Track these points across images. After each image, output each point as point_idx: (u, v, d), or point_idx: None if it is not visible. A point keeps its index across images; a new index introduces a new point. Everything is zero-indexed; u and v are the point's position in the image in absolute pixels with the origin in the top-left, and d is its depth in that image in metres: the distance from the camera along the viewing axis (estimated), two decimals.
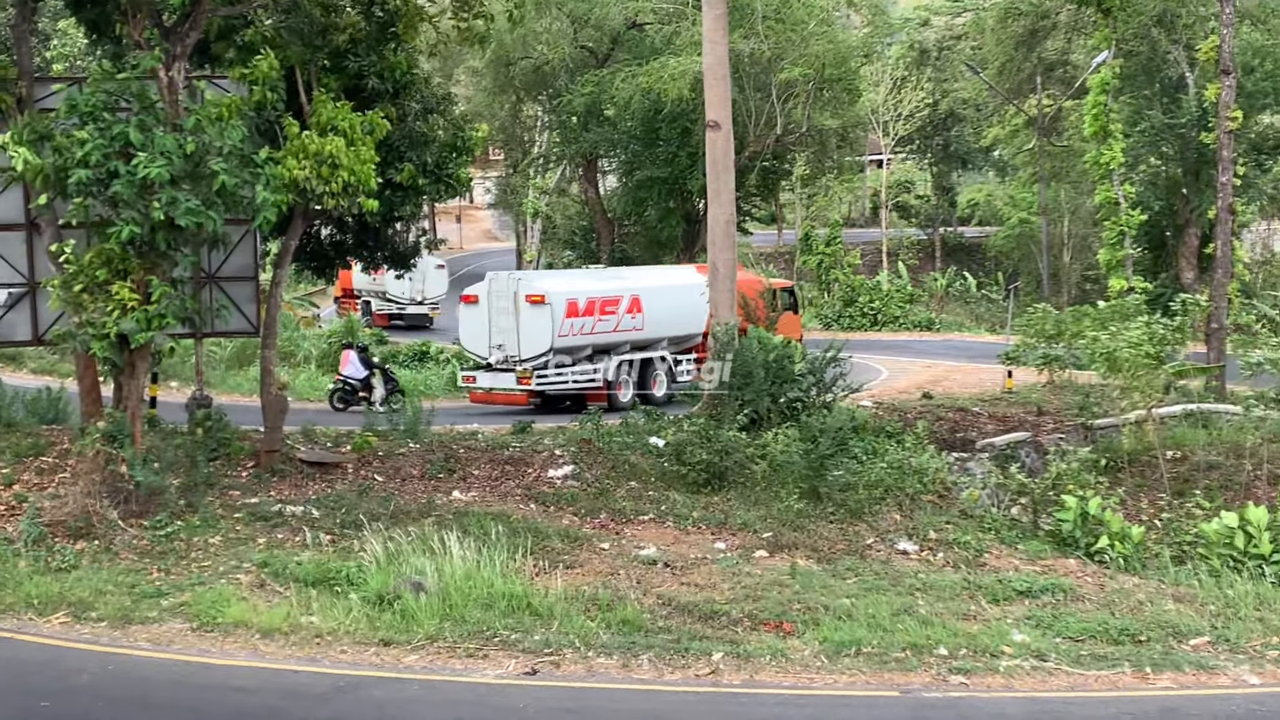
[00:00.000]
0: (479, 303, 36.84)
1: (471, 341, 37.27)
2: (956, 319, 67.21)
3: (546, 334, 35.64)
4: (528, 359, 35.91)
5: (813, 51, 49.22)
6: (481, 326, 36.71)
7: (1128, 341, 24.80)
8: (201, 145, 19.46)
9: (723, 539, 20.86)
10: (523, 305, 35.87)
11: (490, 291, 36.62)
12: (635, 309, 37.53)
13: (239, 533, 19.94)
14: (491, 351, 36.44)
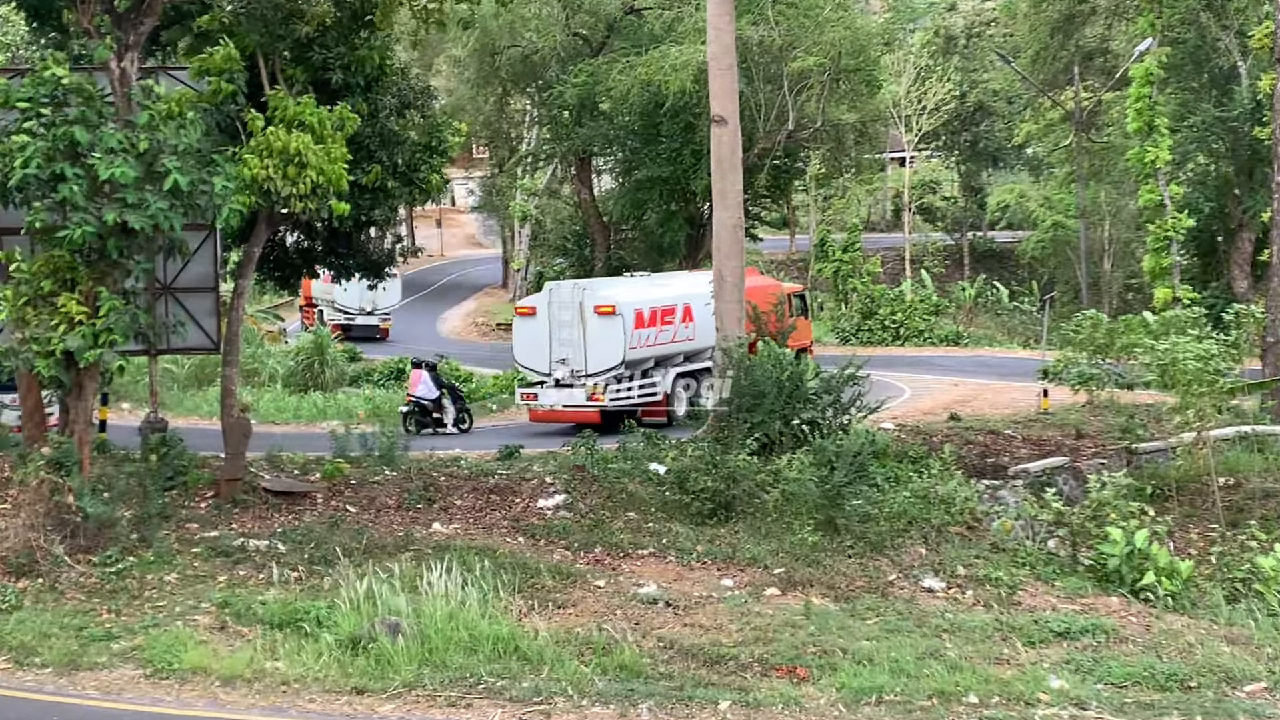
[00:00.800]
0: (537, 315, 37.65)
1: (528, 356, 37.96)
2: (986, 333, 67.14)
3: (618, 346, 36.38)
4: (596, 373, 36.68)
5: (828, 39, 49.27)
6: (540, 340, 37.47)
7: (1194, 353, 24.65)
8: (155, 143, 19.45)
9: (730, 575, 20.83)
10: (590, 316, 36.67)
11: (551, 302, 37.42)
12: (688, 318, 38.42)
13: (197, 569, 19.92)
14: (554, 366, 37.14)
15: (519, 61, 60.28)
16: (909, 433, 31.62)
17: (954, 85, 77.84)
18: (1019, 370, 46.69)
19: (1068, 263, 68.69)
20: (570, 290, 37.77)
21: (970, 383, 45.47)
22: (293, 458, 27.18)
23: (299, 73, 23.90)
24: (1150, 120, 39.82)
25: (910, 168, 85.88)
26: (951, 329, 64.61)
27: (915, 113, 77.05)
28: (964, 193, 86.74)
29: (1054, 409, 35.89)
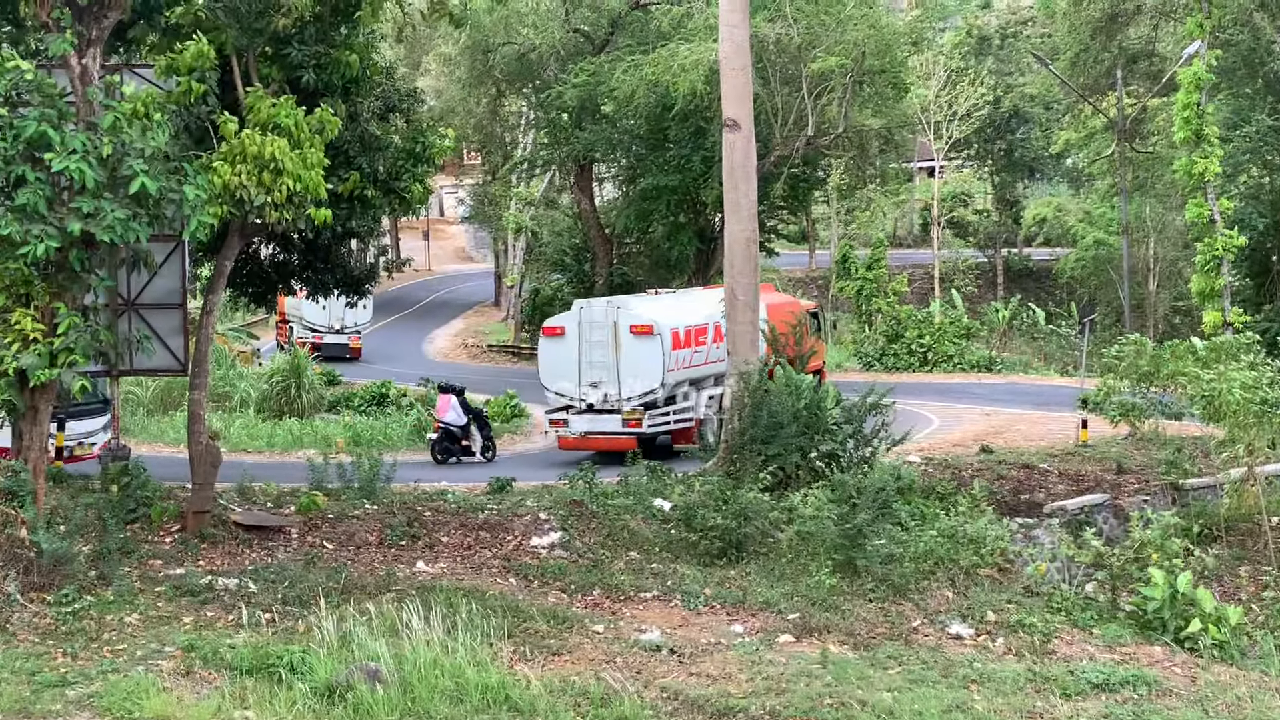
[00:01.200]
0: (565, 335, 38.10)
1: (556, 379, 38.42)
2: (1021, 358, 67.22)
3: (656, 369, 36.74)
4: (632, 397, 37.10)
5: (850, 38, 49.36)
6: (569, 362, 37.93)
7: (1240, 383, 24.71)
8: (119, 147, 19.49)
9: (740, 621, 20.83)
10: (625, 337, 37.11)
11: (581, 322, 37.86)
12: (719, 337, 38.46)
13: (161, 610, 19.92)
14: (585, 390, 37.63)
15: (514, 60, 60.42)
16: (936, 466, 31.62)
17: (987, 89, 77.99)
18: (1056, 399, 46.68)
19: (1109, 283, 68.83)
20: (603, 309, 38.17)
21: (1003, 412, 45.46)
22: (266, 489, 27.19)
23: (275, 71, 23.94)
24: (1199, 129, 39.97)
25: (940, 178, 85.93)
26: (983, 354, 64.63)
27: (945, 119, 77.19)
28: (998, 206, 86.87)
29: (1094, 441, 35.89)
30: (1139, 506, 25.69)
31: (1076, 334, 64.82)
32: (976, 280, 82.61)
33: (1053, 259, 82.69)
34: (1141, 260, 67.45)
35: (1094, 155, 70.12)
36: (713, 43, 42.11)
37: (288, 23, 23.38)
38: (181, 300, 25.22)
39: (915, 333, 64.01)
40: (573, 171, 63.25)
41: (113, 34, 22.34)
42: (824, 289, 78.54)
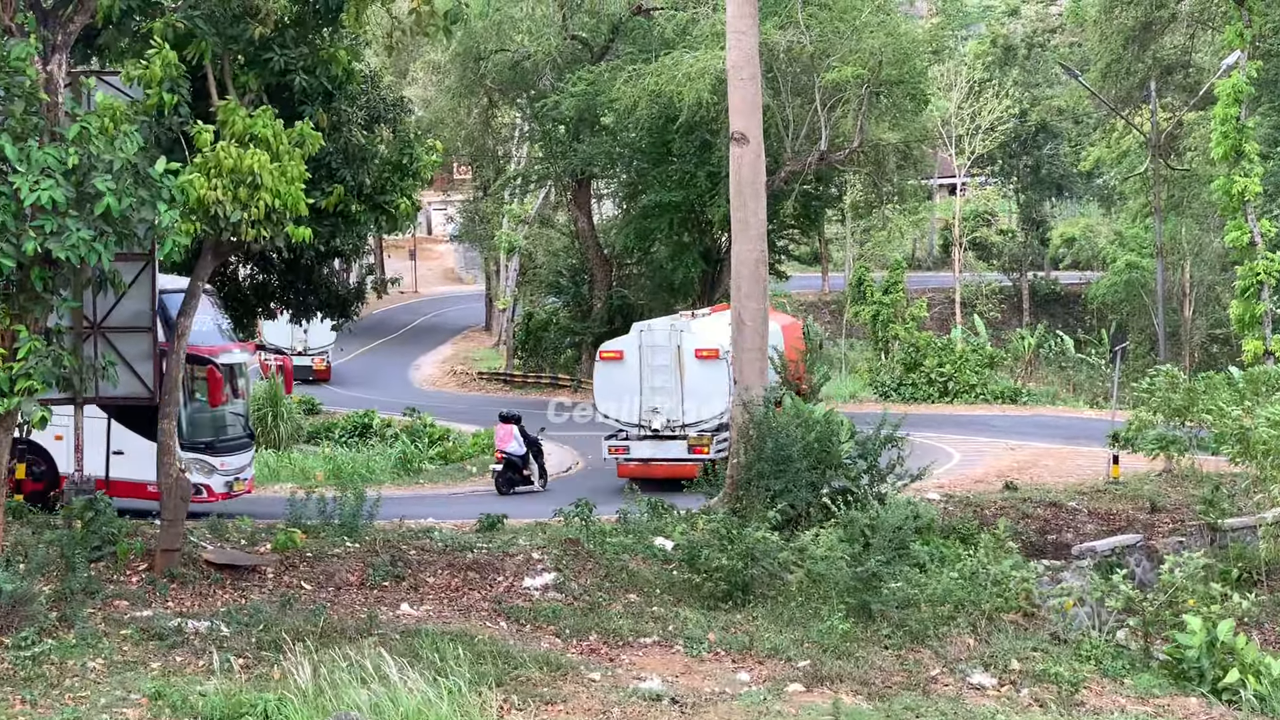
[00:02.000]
0: (625, 359, 39.04)
1: (612, 405, 39.36)
2: (1048, 389, 67.20)
3: (723, 394, 36.88)
4: (696, 423, 37.91)
5: (866, 46, 49.54)
6: (629, 387, 38.88)
7: (1267, 419, 24.79)
8: (86, 160, 19.49)
9: (747, 668, 20.81)
10: (689, 361, 37.90)
11: (642, 345, 38.75)
12: None
13: (127, 654, 19.90)
14: (646, 416, 38.49)
15: (508, 68, 60.63)
16: (957, 504, 31.63)
17: (1013, 102, 78.15)
18: (1085, 433, 46.70)
19: (1143, 309, 68.87)
20: (665, 332, 38.95)
21: (1029, 446, 45.47)
22: (239, 525, 27.19)
23: (252, 79, 23.96)
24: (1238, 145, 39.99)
25: (962, 196, 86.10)
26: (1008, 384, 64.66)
27: (968, 133, 77.37)
28: (1023, 226, 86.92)
29: (1126, 478, 35.91)
30: (1174, 548, 25.68)
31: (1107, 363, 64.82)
32: (1000, 305, 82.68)
33: (1082, 283, 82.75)
34: (1177, 285, 67.53)
35: (1126, 172, 70.21)
36: (719, 51, 42.30)
37: (265, 29, 23.42)
38: (151, 323, 25.20)
39: (935, 361, 64.03)
40: (569, 187, 63.40)
41: (81, 41, 22.38)
42: (838, 314, 78.63)
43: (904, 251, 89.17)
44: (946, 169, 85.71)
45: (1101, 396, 60.91)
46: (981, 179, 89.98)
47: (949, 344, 65.93)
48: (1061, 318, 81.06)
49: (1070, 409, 60.13)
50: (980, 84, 77.91)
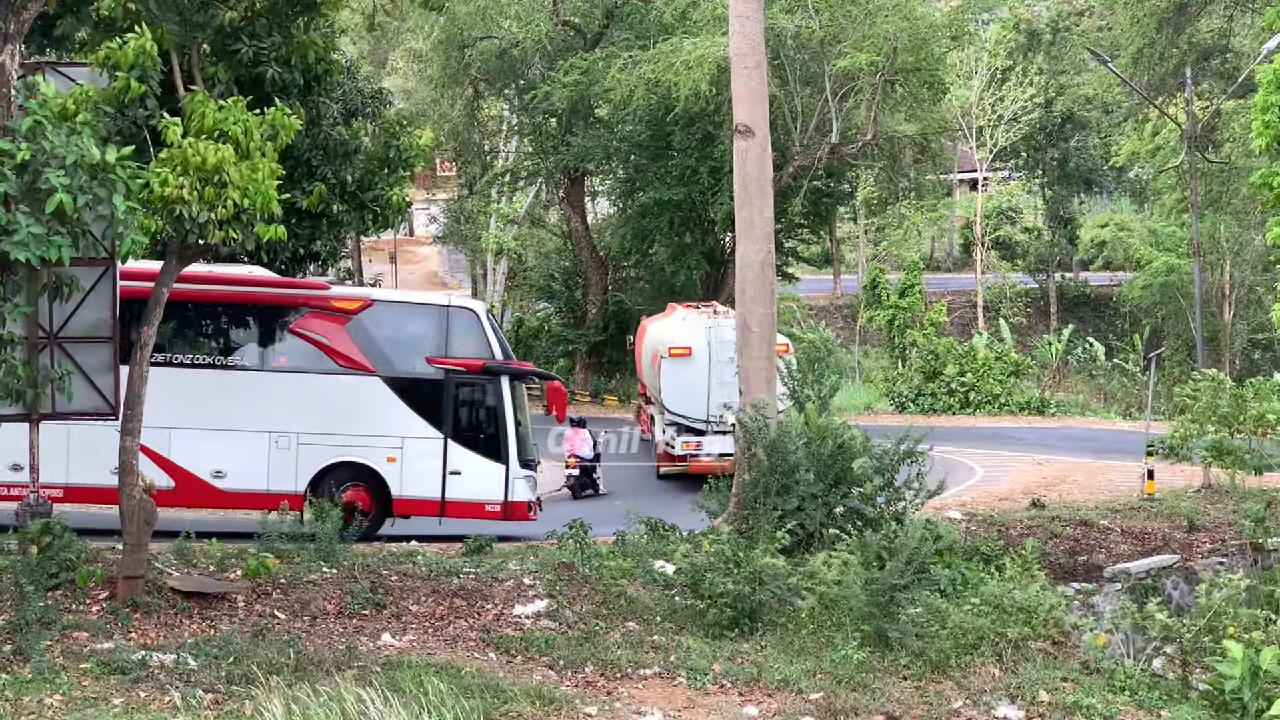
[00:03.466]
0: (693, 355, 40.92)
1: (681, 402, 41.15)
2: (1078, 398, 67.26)
3: None
4: None
5: (881, 32, 49.56)
6: (698, 384, 40.65)
7: None
8: (39, 154, 19.49)
9: (755, 702, 20.81)
10: None
11: (710, 341, 40.41)
12: None
13: (86, 690, 19.89)
14: (715, 412, 40.04)
15: (495, 56, 60.65)
16: (980, 523, 31.61)
17: (1037, 90, 78.18)
18: (1118, 446, 46.72)
19: (1179, 312, 68.85)
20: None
21: (1057, 461, 45.48)
22: (208, 550, 27.16)
23: (221, 70, 23.99)
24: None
25: (983, 191, 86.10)
26: (1034, 394, 64.71)
27: (989, 124, 77.41)
28: (1049, 223, 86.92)
29: (1161, 494, 35.88)
30: (1214, 569, 25.66)
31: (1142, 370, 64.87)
32: (1026, 309, 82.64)
33: (1113, 284, 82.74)
34: (1215, 286, 67.56)
35: (1160, 166, 70.22)
36: (721, 36, 42.32)
37: (235, 16, 23.44)
38: (112, 333, 25.18)
39: (955, 369, 64.09)
40: (562, 185, 63.39)
41: (38, 30, 22.40)
42: (850, 319, 78.64)
43: (921, 252, 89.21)
44: (967, 163, 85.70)
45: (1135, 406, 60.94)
46: (1004, 173, 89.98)
47: (970, 351, 65.95)
48: (1091, 322, 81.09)
49: (1101, 420, 60.20)
50: (1003, 71, 77.91)
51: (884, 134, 53.40)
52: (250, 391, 30.23)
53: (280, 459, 29.74)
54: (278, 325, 30.63)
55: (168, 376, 28.42)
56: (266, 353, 30.83)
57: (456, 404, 31.07)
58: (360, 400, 30.17)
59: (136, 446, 24.18)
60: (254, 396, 30.15)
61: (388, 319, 31.11)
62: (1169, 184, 70.45)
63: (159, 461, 29.40)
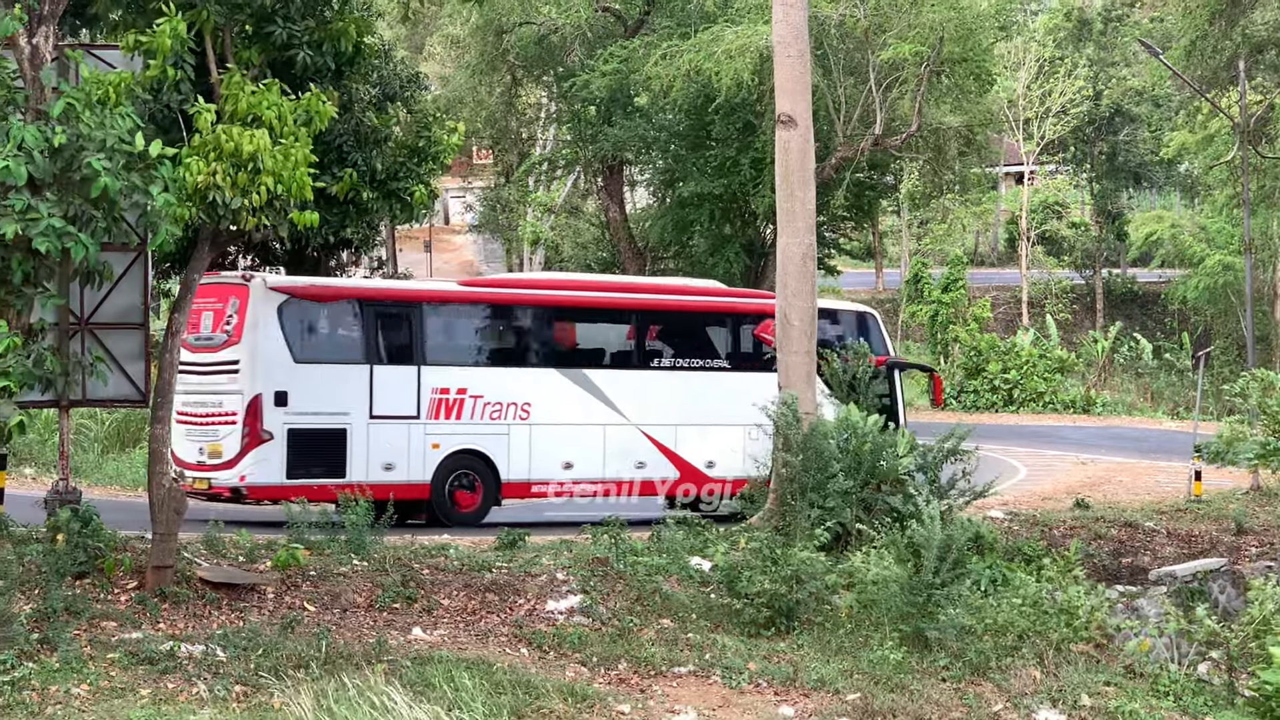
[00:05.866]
0: None
1: None
2: (1124, 397, 67.09)
3: None
4: None
5: (927, 21, 49.37)
6: None
7: None
8: (74, 138, 19.55)
9: (790, 702, 20.81)
10: None
11: None
12: None
13: (114, 680, 19.96)
14: None
15: (533, 43, 60.54)
16: (1023, 523, 31.55)
17: (1086, 82, 77.86)
18: (1164, 446, 46.59)
19: (1229, 310, 68.55)
20: None
21: (1102, 461, 45.38)
22: (237, 540, 27.23)
23: (254, 54, 23.98)
24: None
25: (1029, 185, 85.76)
26: (1079, 392, 64.52)
27: (1037, 116, 77.12)
28: (1098, 219, 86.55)
29: (1209, 496, 35.77)
30: (1263, 573, 25.57)
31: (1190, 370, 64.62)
32: (1072, 305, 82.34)
33: (1162, 281, 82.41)
34: (1268, 284, 67.24)
35: (1211, 160, 69.86)
36: (764, 25, 42.23)
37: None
38: (143, 320, 25.26)
39: (999, 366, 63.97)
40: (600, 174, 63.30)
41: (71, 11, 22.45)
42: (892, 313, 78.36)
43: (965, 246, 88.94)
44: (1013, 156, 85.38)
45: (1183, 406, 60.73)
46: (1051, 167, 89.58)
47: (1014, 347, 65.80)
48: (1139, 319, 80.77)
49: (1148, 420, 60.06)
50: (1051, 63, 77.59)
51: (929, 126, 53.15)
52: (730, 389, 34.13)
53: (753, 448, 31.18)
54: (742, 331, 35.89)
55: (672, 380, 34.52)
56: (736, 355, 35.52)
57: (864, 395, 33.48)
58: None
59: (167, 435, 24.27)
60: (733, 394, 33.70)
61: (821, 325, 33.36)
62: (1220, 179, 70.15)
63: (667, 454, 34.24)
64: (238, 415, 30.28)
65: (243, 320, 30.19)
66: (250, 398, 30.16)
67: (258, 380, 30.23)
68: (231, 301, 30.34)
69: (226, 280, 30.81)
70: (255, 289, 30.22)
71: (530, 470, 32.96)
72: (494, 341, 34.63)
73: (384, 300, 32.36)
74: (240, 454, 30.28)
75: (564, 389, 33.35)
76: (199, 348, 30.47)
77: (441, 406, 31.86)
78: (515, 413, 32.72)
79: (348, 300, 31.60)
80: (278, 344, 30.40)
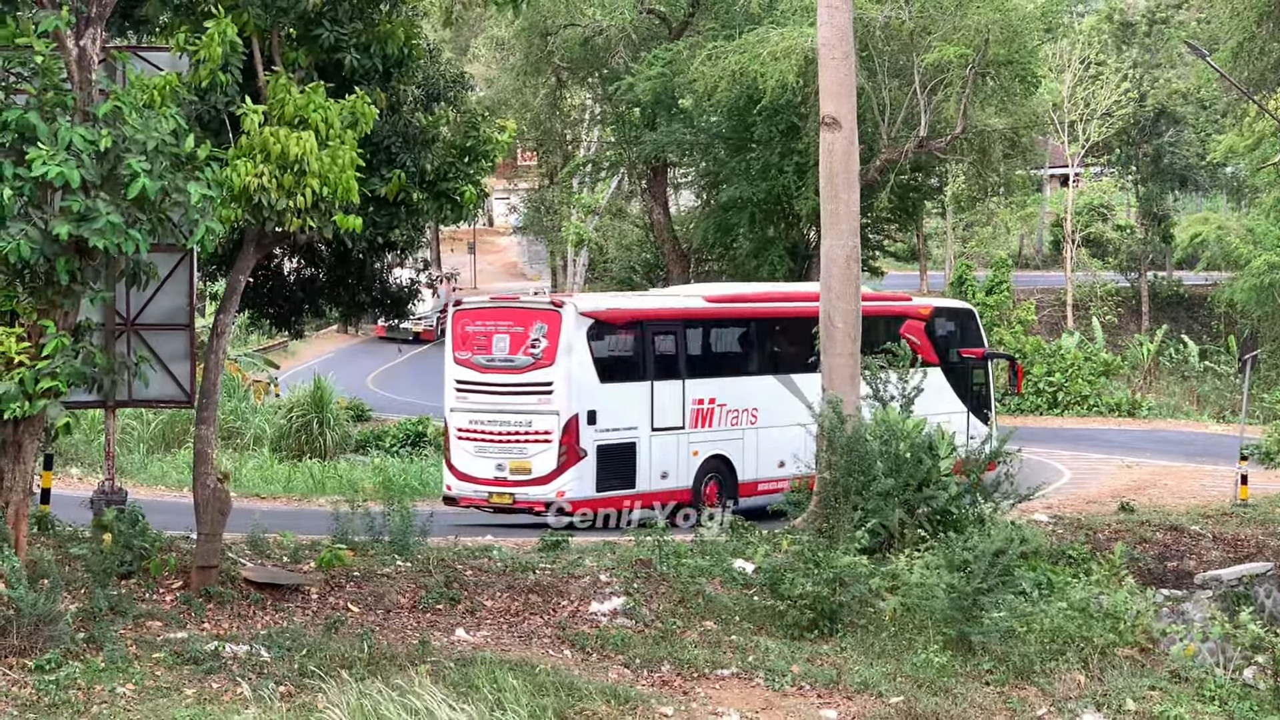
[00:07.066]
0: None
1: None
2: (1169, 400, 66.80)
3: None
4: None
5: (972, 23, 49.21)
6: None
7: None
8: (119, 140, 19.62)
9: (834, 704, 20.78)
10: None
11: None
12: None
13: (159, 680, 20.04)
14: None
15: (578, 45, 60.54)
16: (1067, 526, 31.45)
17: (1132, 84, 77.53)
18: (1210, 450, 46.39)
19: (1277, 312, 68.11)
20: None
21: (1147, 464, 45.20)
22: (281, 541, 27.33)
23: (302, 55, 24.02)
24: None
25: (1074, 187, 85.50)
26: (1124, 395, 64.27)
27: (1082, 118, 76.80)
28: (1143, 221, 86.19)
29: (1255, 500, 35.60)
30: None
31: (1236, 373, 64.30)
32: (1117, 308, 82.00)
33: (1208, 284, 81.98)
34: None
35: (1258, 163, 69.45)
36: (809, 27, 42.15)
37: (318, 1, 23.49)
38: (189, 320, 25.35)
39: (1043, 369, 63.71)
40: (644, 176, 63.29)
41: (118, 13, 22.49)
42: None
43: (1010, 248, 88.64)
44: (1058, 158, 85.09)
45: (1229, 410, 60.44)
46: (1096, 169, 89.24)
47: (1059, 350, 65.56)
48: (1184, 322, 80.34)
49: (1193, 423, 59.77)
50: (1097, 65, 77.29)
51: (974, 128, 52.98)
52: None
53: None
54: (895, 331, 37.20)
55: None
56: None
57: (970, 383, 40.21)
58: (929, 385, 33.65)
59: (213, 435, 24.36)
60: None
61: (941, 322, 40.33)
62: (1267, 181, 69.73)
63: None
64: (553, 434, 32.47)
65: (555, 344, 32.46)
66: (568, 418, 32.36)
67: (573, 401, 32.49)
68: (537, 326, 32.65)
69: (531, 305, 33.84)
70: (568, 314, 32.54)
71: (758, 470, 35.54)
72: (736, 353, 37.13)
73: (660, 319, 35.09)
74: (557, 471, 32.38)
75: (779, 394, 35.41)
76: (495, 369, 33.14)
77: (699, 416, 34.25)
78: (748, 418, 35.23)
79: (635, 321, 34.52)
80: (587, 366, 32.87)
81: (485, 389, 33.02)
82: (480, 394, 33.05)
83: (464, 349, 33.48)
